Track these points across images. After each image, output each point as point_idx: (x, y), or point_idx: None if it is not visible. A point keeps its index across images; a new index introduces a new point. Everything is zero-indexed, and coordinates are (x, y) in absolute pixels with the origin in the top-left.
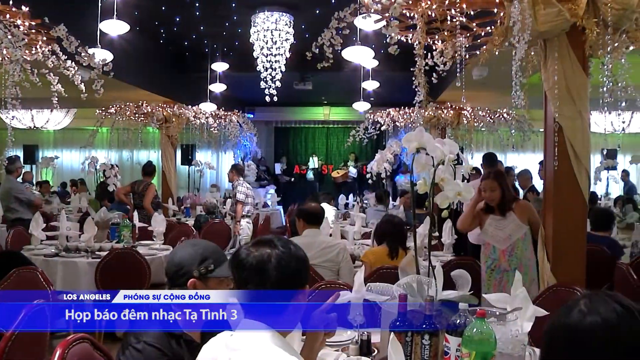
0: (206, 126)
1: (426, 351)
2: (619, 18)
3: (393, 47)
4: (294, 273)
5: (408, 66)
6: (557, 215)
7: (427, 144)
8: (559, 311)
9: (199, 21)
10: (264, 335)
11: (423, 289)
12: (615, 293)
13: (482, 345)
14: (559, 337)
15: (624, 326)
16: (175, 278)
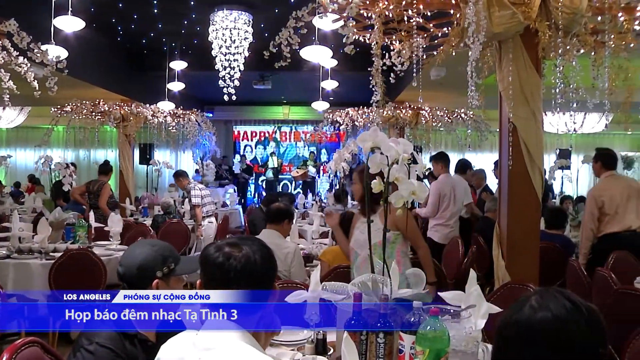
0: (164, 125)
1: (381, 349)
2: (569, 22)
3: (349, 47)
4: (275, 271)
5: (367, 66)
6: (511, 213)
7: (381, 143)
8: (511, 308)
9: (157, 19)
10: (234, 334)
11: (378, 287)
12: (565, 290)
13: (436, 343)
14: (510, 333)
15: (572, 321)
16: (138, 280)
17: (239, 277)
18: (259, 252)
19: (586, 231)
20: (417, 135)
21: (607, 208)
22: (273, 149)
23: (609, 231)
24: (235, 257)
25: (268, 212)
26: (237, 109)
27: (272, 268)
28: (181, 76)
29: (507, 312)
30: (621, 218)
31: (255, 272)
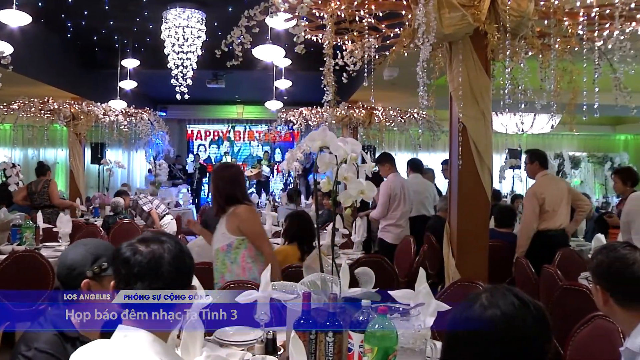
0: (116, 124)
1: (330, 349)
2: (517, 24)
3: (300, 47)
4: (188, 271)
5: (321, 66)
6: (461, 212)
7: (330, 142)
8: (461, 306)
9: (108, 15)
10: (143, 339)
11: (327, 286)
12: (513, 287)
13: (384, 341)
14: (461, 330)
15: (520, 318)
16: (69, 280)
17: (143, 273)
18: (170, 251)
19: (528, 229)
20: (370, 135)
21: (546, 206)
22: (227, 149)
23: (543, 228)
24: (140, 252)
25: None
26: (191, 108)
27: (183, 268)
28: (133, 74)
29: (457, 310)
30: (556, 216)
31: (161, 270)
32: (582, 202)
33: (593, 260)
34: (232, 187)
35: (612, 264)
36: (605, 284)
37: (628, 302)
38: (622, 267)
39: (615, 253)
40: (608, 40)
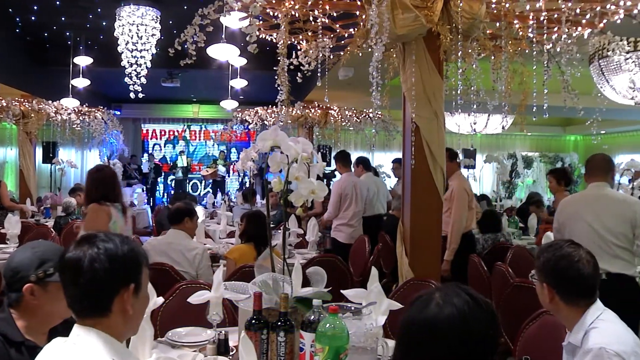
0: (69, 123)
1: (282, 348)
2: (469, 26)
3: (253, 46)
4: (108, 275)
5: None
6: (414, 211)
7: (281, 142)
8: (415, 305)
9: (59, 11)
10: (97, 340)
11: (279, 286)
12: (462, 285)
13: (335, 340)
14: (417, 330)
15: (475, 316)
16: (13, 283)
17: (71, 277)
18: (92, 258)
19: (461, 225)
20: (325, 135)
21: (470, 203)
22: (182, 148)
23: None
24: (70, 255)
25: (169, 213)
26: (146, 107)
27: (115, 269)
28: (86, 72)
29: (411, 310)
30: (473, 215)
31: (82, 277)
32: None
33: (539, 259)
34: (96, 188)
35: (558, 262)
36: (551, 282)
37: (573, 299)
38: (567, 264)
39: (561, 251)
40: (556, 43)
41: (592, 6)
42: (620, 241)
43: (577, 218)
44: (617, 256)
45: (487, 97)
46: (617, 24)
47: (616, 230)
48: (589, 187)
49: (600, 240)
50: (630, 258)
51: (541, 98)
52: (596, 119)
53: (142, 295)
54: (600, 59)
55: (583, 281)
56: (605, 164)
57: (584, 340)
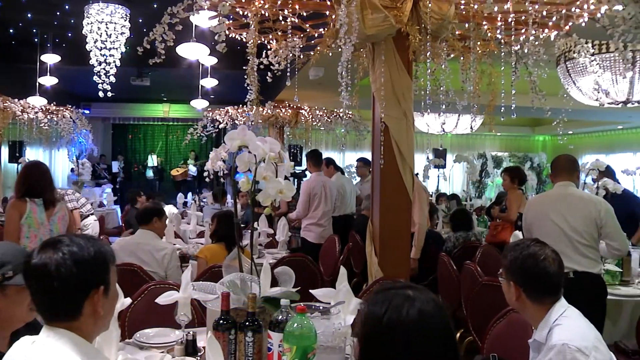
0: (36, 122)
1: (250, 348)
2: (438, 27)
3: (221, 45)
4: (77, 280)
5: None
6: (383, 211)
7: (249, 142)
8: (378, 306)
9: (26, 7)
10: (66, 340)
11: (247, 286)
12: (417, 285)
13: (303, 340)
14: (384, 329)
15: (439, 315)
16: None
17: (39, 284)
18: (58, 264)
19: (425, 224)
20: (296, 135)
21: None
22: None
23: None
24: (36, 261)
25: (137, 213)
26: (116, 106)
27: (83, 271)
28: (54, 70)
29: (374, 310)
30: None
31: (50, 283)
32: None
33: (506, 258)
34: (22, 184)
35: (525, 261)
36: (518, 280)
37: (538, 296)
38: (533, 263)
39: (527, 250)
40: (524, 45)
41: (558, 9)
42: (586, 240)
43: (544, 218)
44: (583, 255)
45: (456, 97)
46: (582, 26)
47: (582, 229)
48: (555, 187)
49: (567, 239)
50: (596, 256)
51: (509, 98)
52: (562, 119)
53: (112, 294)
54: (567, 61)
55: (548, 279)
56: (570, 164)
57: (548, 337)
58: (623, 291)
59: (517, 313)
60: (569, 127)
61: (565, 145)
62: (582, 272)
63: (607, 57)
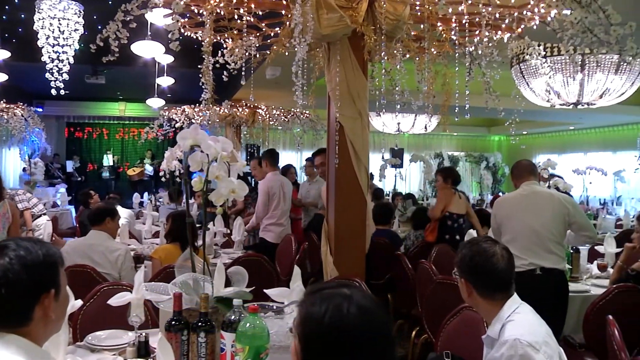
0: None
1: (202, 349)
2: (393, 27)
3: (175, 44)
4: (26, 285)
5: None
6: (339, 210)
7: (201, 141)
8: (320, 305)
9: None
10: (17, 349)
11: (199, 286)
12: (347, 281)
13: (255, 340)
14: (326, 329)
15: (377, 312)
16: None
17: None
18: (5, 269)
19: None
20: (253, 134)
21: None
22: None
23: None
24: None
25: (89, 213)
26: (70, 105)
27: (22, 288)
28: (3, 66)
29: (314, 311)
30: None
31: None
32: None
33: (458, 255)
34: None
35: (474, 257)
36: (469, 277)
37: (489, 293)
38: (483, 259)
39: (477, 247)
40: (478, 46)
41: (510, 12)
42: (554, 236)
43: (513, 217)
44: (550, 251)
45: (412, 97)
46: (536, 29)
47: (551, 226)
48: (521, 187)
49: (536, 237)
50: (562, 253)
51: (463, 99)
52: (515, 120)
53: (62, 297)
54: (521, 63)
55: (498, 276)
56: (531, 165)
57: (500, 333)
58: (572, 287)
59: (470, 310)
60: (523, 127)
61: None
62: (549, 268)
63: (558, 60)
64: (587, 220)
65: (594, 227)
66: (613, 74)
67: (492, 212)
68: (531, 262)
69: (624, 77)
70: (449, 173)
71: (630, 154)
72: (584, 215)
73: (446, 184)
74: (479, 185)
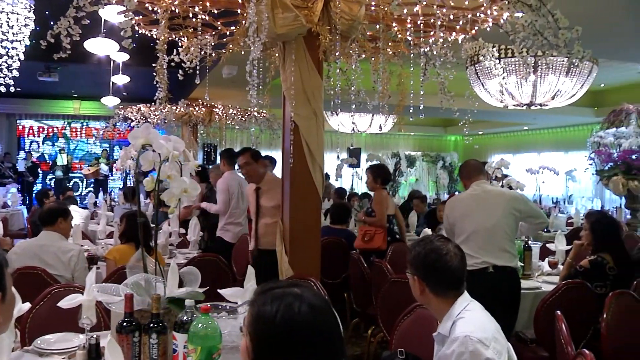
0: None
1: (154, 350)
2: (348, 27)
3: (127, 41)
4: None
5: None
6: (293, 210)
7: (152, 140)
8: (270, 305)
9: None
10: None
11: (151, 287)
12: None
13: (207, 340)
14: (273, 329)
15: (328, 310)
16: None
17: None
18: None
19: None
20: (210, 133)
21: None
22: (62, 146)
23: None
24: None
25: (40, 214)
26: (22, 102)
27: None
28: None
29: (265, 310)
30: None
31: None
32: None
33: (411, 253)
34: None
35: (428, 255)
36: (422, 274)
37: (442, 290)
38: (436, 257)
39: (431, 245)
40: (433, 47)
41: (464, 13)
42: (506, 234)
43: (465, 217)
44: (503, 250)
45: (367, 97)
46: (488, 31)
47: (503, 224)
48: (471, 187)
49: (488, 236)
50: (514, 250)
51: (418, 99)
52: (468, 120)
53: (8, 300)
54: (476, 64)
55: (451, 273)
56: (480, 165)
57: (451, 330)
58: (524, 284)
59: (424, 308)
60: (479, 127)
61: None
62: (502, 266)
63: (512, 62)
64: (537, 209)
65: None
66: (564, 76)
67: (444, 213)
68: (484, 261)
69: (574, 79)
70: (379, 171)
71: (581, 154)
72: (533, 205)
73: (376, 183)
74: (435, 184)
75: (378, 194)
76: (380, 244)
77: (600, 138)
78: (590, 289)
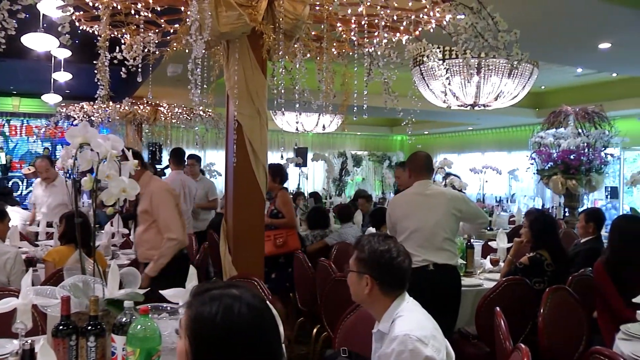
0: None
1: (92, 354)
2: (292, 27)
3: (65, 37)
4: None
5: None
6: (237, 209)
7: (91, 139)
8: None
9: None
10: None
11: (90, 288)
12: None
13: (147, 342)
14: (213, 331)
15: (266, 309)
16: None
17: None
18: None
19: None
20: (155, 132)
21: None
22: (1, 144)
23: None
24: None
25: None
26: None
27: None
28: None
29: (204, 311)
30: None
31: None
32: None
33: (362, 252)
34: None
35: (383, 255)
36: (374, 273)
37: (391, 290)
38: (390, 258)
39: (384, 244)
40: (377, 47)
41: (408, 14)
42: (447, 234)
43: (407, 216)
44: (443, 248)
45: (312, 96)
46: (431, 32)
47: (443, 224)
48: (415, 186)
49: (429, 235)
50: (454, 249)
51: (362, 98)
52: (411, 119)
53: None
54: (421, 65)
55: (403, 274)
56: (429, 162)
57: (391, 328)
58: (466, 282)
59: None
60: (424, 127)
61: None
62: (442, 264)
63: (456, 63)
64: (478, 209)
65: (489, 223)
66: (506, 78)
67: (387, 212)
68: (424, 259)
69: (516, 81)
70: (277, 171)
71: (523, 154)
72: (474, 205)
73: (275, 183)
74: (381, 184)
75: (282, 194)
76: (296, 246)
77: (541, 138)
78: (530, 285)
